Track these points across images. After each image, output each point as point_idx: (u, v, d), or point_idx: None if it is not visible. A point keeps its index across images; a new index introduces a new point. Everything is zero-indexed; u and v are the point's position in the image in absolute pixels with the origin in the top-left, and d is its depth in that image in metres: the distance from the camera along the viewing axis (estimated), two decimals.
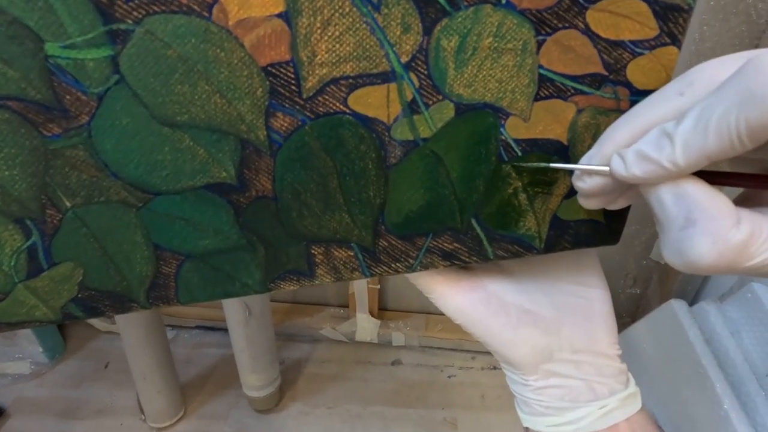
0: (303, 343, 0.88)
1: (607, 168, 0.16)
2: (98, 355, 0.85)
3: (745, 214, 0.13)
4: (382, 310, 0.88)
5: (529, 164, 0.19)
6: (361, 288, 0.81)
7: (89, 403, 0.78)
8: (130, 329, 0.67)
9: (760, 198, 0.16)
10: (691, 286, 0.75)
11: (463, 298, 0.22)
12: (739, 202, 0.15)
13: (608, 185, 0.16)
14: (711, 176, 0.14)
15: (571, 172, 0.19)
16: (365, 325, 0.85)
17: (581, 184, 0.17)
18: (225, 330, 0.71)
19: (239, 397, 0.78)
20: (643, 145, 0.14)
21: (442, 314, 0.22)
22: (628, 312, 0.84)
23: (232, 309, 0.67)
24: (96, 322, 0.87)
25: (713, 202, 0.13)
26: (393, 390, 0.82)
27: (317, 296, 0.88)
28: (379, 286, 0.83)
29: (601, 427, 0.22)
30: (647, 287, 0.81)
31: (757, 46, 0.60)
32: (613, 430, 0.22)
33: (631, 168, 0.14)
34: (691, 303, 0.68)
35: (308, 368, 0.85)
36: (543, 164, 0.19)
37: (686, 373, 0.60)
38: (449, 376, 0.85)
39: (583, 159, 0.17)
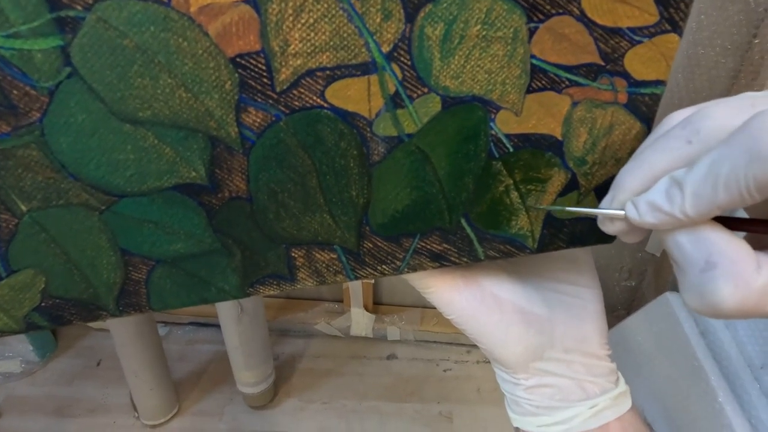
0: (297, 338, 0.88)
1: (623, 213, 0.16)
2: (90, 352, 0.84)
3: (764, 258, 0.13)
4: (376, 304, 0.88)
5: (546, 207, 0.19)
6: (355, 283, 0.80)
7: (81, 401, 0.78)
8: (121, 327, 0.66)
9: None
10: None
11: (458, 294, 0.21)
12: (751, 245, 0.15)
13: (633, 226, 0.16)
14: (727, 221, 0.14)
15: (572, 178, 0.18)
16: (360, 320, 0.84)
17: (605, 228, 0.17)
18: (218, 326, 0.71)
19: (233, 393, 0.78)
20: (654, 195, 0.14)
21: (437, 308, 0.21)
22: (623, 305, 0.83)
23: (225, 306, 0.66)
24: None
25: (733, 246, 0.13)
26: (388, 384, 0.82)
27: (311, 291, 0.88)
28: (373, 281, 0.82)
29: (592, 427, 0.22)
30: (642, 280, 0.81)
31: (755, 36, 0.59)
32: (604, 429, 0.22)
33: (645, 217, 0.15)
34: None
35: (303, 363, 0.84)
36: (559, 207, 0.18)
37: (681, 365, 0.60)
38: (445, 370, 0.84)
39: (603, 203, 0.17)
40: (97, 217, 0.16)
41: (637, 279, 0.80)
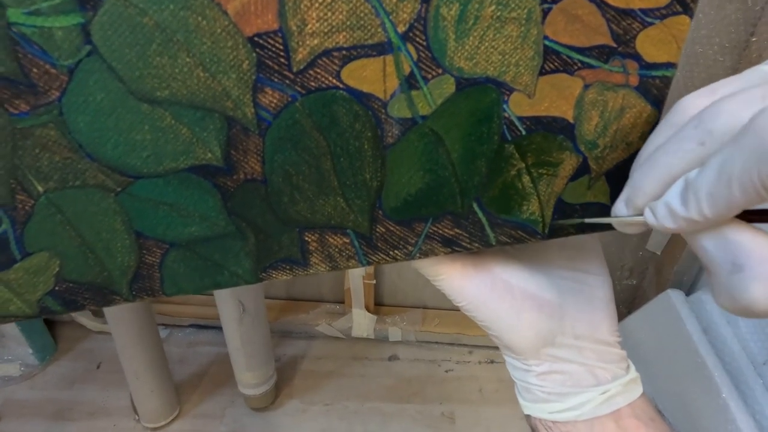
0: (298, 339, 0.87)
1: (642, 218, 0.15)
2: (90, 355, 0.83)
3: None
4: (378, 305, 0.87)
5: (569, 221, 0.19)
6: (356, 283, 0.80)
7: (82, 404, 0.77)
8: (122, 329, 0.65)
9: None
10: (687, 276, 0.75)
11: (469, 281, 0.21)
12: None
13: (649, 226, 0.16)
14: (750, 214, 0.13)
15: (583, 162, 0.19)
16: (361, 321, 0.84)
17: (622, 230, 0.17)
18: (219, 328, 0.70)
19: (235, 395, 0.77)
20: (671, 198, 0.14)
21: (438, 308, 0.21)
22: (624, 303, 0.84)
23: (226, 306, 0.66)
24: (87, 322, 0.85)
25: (759, 244, 0.13)
26: (390, 385, 0.81)
27: (312, 292, 0.87)
28: (374, 281, 0.82)
29: (603, 413, 0.22)
30: (643, 278, 0.81)
31: (752, 34, 0.59)
32: (616, 415, 0.22)
33: (663, 222, 0.14)
34: (688, 293, 0.67)
35: (304, 365, 0.84)
36: (579, 220, 0.19)
37: (684, 362, 0.60)
38: (447, 371, 0.84)
39: (617, 204, 0.16)
40: (113, 198, 0.16)
41: (638, 277, 0.80)
